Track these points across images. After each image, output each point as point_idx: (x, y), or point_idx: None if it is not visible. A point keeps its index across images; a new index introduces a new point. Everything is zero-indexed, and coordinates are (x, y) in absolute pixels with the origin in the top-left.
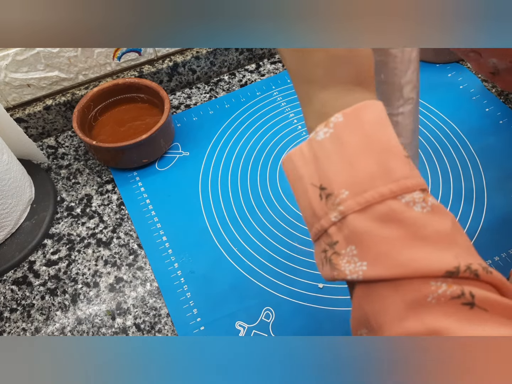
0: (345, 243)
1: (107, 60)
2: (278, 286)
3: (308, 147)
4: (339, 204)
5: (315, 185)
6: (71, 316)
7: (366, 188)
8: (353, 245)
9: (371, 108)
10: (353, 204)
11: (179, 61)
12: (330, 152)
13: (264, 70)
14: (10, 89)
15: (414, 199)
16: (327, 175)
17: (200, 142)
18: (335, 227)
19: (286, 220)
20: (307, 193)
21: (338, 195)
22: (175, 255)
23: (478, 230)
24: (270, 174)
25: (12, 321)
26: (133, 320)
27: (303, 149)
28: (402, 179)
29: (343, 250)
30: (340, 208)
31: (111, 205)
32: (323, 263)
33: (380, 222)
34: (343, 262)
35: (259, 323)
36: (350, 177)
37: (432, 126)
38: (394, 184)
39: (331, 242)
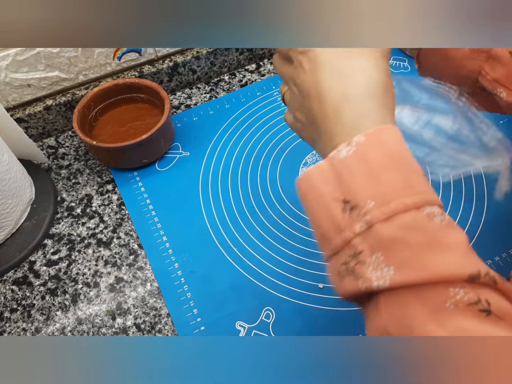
0: (371, 252)
1: (108, 60)
2: (278, 286)
3: (329, 165)
4: (365, 214)
5: (337, 199)
6: (71, 316)
7: (391, 199)
8: (379, 252)
9: (391, 131)
10: (379, 213)
11: (179, 61)
12: (354, 168)
13: (265, 70)
14: (11, 89)
15: (434, 212)
16: (351, 189)
17: (200, 142)
18: (359, 237)
19: (286, 220)
20: (328, 209)
21: (364, 206)
22: (175, 255)
23: (478, 230)
24: (270, 174)
25: (12, 321)
26: (133, 320)
27: (323, 168)
28: (423, 193)
29: (369, 259)
30: (366, 218)
31: (111, 205)
32: (342, 276)
33: (405, 230)
34: (369, 270)
35: (259, 323)
36: (375, 190)
37: None
38: (417, 196)
39: (354, 253)
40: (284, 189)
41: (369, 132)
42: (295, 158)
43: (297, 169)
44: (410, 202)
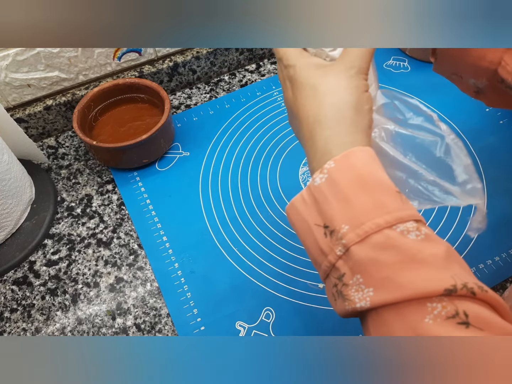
0: (351, 274)
1: (107, 60)
2: (278, 286)
3: (307, 193)
4: (342, 238)
5: (319, 225)
6: (71, 316)
7: (364, 221)
8: (359, 274)
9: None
10: (353, 236)
11: (179, 61)
12: (327, 194)
13: (265, 70)
14: (11, 89)
15: (408, 228)
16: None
17: (200, 142)
18: (341, 260)
19: (286, 220)
20: (312, 234)
21: (340, 230)
22: (175, 255)
23: None
24: (270, 174)
25: (12, 321)
26: (133, 320)
27: (304, 195)
28: (395, 211)
29: (351, 281)
30: (343, 242)
31: (111, 205)
32: (335, 297)
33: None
34: (351, 292)
35: (259, 323)
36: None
37: None
38: (388, 215)
39: (339, 275)
40: (284, 189)
41: (337, 157)
42: (295, 158)
43: (297, 169)
44: (382, 221)
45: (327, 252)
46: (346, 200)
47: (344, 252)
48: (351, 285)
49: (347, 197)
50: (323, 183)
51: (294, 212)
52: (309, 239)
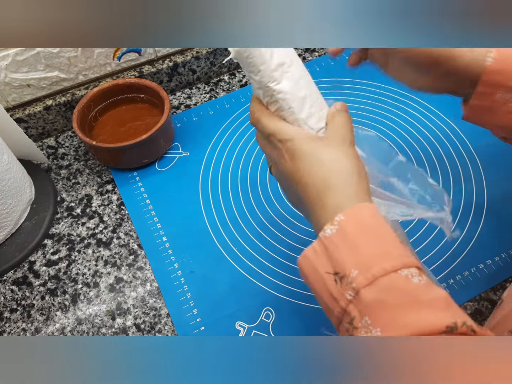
0: (360, 316)
1: (107, 60)
2: (278, 286)
3: (318, 243)
4: (352, 282)
5: (329, 272)
6: (71, 316)
7: (372, 265)
8: (367, 316)
9: (366, 208)
10: (362, 279)
11: (179, 61)
12: (337, 243)
13: None
14: (10, 89)
15: (412, 273)
16: (338, 261)
17: (200, 142)
18: (352, 304)
19: (286, 220)
20: (324, 282)
21: (350, 275)
22: (175, 255)
23: (478, 230)
24: (270, 174)
25: (12, 321)
26: (133, 320)
27: (315, 246)
28: (400, 257)
29: (360, 323)
30: (353, 285)
31: (111, 205)
32: None
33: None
34: (361, 334)
35: (259, 323)
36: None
37: (432, 126)
38: (394, 260)
39: (350, 319)
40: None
41: (346, 211)
42: None
43: None
44: (389, 266)
45: (338, 298)
46: (355, 247)
47: (354, 295)
48: (360, 327)
49: (355, 245)
50: (333, 233)
51: (306, 263)
52: (321, 288)
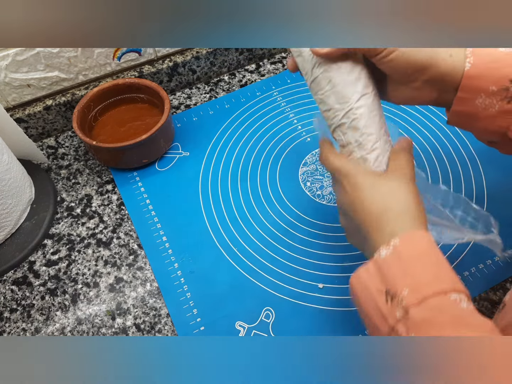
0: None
1: (107, 60)
2: (278, 286)
3: (372, 264)
4: (402, 300)
5: (381, 290)
6: (71, 316)
7: (423, 286)
8: (413, 333)
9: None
10: (412, 299)
11: (179, 61)
12: (392, 264)
13: (264, 70)
14: (10, 89)
15: (461, 298)
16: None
17: (200, 142)
18: (400, 323)
19: (286, 220)
20: (374, 300)
21: (401, 293)
22: (175, 255)
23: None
24: (270, 174)
25: (12, 321)
26: (133, 320)
27: (369, 266)
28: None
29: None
30: (403, 304)
31: (111, 205)
32: None
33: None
34: None
35: (259, 323)
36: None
37: (432, 126)
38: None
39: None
40: (284, 189)
41: (402, 236)
42: (295, 158)
43: (297, 169)
44: (439, 288)
45: (387, 316)
46: (408, 269)
47: (403, 314)
48: None
49: (409, 267)
50: (388, 255)
51: (358, 281)
52: (371, 306)
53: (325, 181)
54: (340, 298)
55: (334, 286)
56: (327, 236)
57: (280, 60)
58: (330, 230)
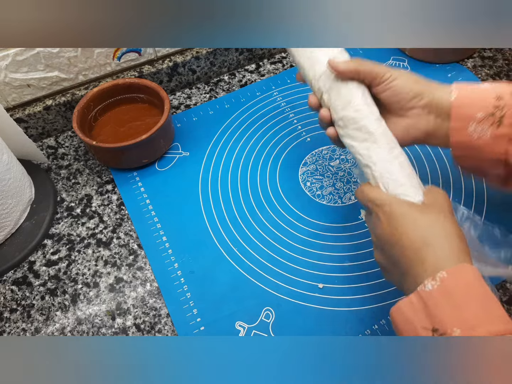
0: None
1: (107, 60)
2: (278, 286)
3: (416, 297)
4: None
5: (427, 328)
6: (71, 316)
7: (476, 326)
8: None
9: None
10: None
11: (179, 61)
12: (439, 300)
13: (264, 70)
14: (10, 89)
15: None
16: (438, 318)
17: (200, 142)
18: None
19: (286, 220)
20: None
21: (451, 333)
22: (175, 255)
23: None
24: (270, 174)
25: (12, 321)
26: (133, 320)
27: (412, 300)
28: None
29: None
30: None
31: (111, 205)
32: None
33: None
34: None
35: (259, 323)
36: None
37: None
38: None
39: None
40: (284, 189)
41: (450, 269)
42: (295, 158)
43: (297, 169)
44: (494, 329)
45: None
46: (457, 306)
47: None
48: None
49: (458, 304)
50: (435, 289)
51: (400, 315)
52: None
53: (325, 181)
54: (340, 298)
55: (334, 286)
56: (327, 236)
57: (280, 60)
58: (330, 230)
